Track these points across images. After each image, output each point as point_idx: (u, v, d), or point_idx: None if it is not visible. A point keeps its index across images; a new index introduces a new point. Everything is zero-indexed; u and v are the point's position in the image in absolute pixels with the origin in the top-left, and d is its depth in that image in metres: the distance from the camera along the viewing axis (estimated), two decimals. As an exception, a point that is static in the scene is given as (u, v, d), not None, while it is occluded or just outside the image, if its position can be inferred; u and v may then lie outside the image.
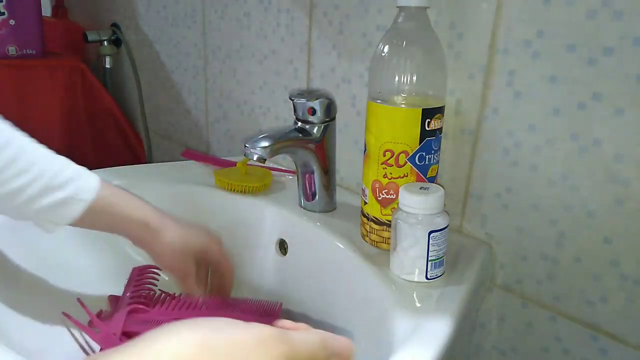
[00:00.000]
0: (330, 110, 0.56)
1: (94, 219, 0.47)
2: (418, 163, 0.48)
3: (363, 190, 0.52)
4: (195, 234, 0.53)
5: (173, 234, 0.50)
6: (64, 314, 0.50)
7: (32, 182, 0.43)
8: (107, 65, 1.13)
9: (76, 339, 0.49)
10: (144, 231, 0.50)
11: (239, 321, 0.25)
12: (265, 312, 0.53)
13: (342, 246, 0.53)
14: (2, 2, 0.93)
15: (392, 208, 0.49)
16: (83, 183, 0.46)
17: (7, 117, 0.44)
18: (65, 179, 0.45)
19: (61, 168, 0.45)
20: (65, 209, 0.45)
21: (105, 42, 1.10)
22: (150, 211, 0.50)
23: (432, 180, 0.49)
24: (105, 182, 0.48)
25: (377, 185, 0.50)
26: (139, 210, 0.50)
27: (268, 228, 0.61)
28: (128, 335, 0.48)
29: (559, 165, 0.47)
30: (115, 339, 0.47)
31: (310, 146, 0.56)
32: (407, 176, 0.48)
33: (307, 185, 0.59)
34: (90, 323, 0.50)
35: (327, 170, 0.59)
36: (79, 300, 0.52)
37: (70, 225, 0.47)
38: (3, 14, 0.94)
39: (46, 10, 1.17)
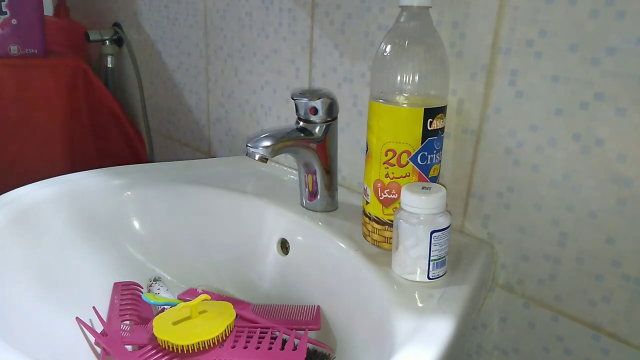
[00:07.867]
0: (332, 109, 0.56)
1: None
2: (420, 163, 0.48)
3: (365, 190, 0.52)
4: None
5: None
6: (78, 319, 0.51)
7: None
8: (109, 65, 1.13)
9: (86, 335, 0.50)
10: None
11: None
12: (304, 315, 0.53)
13: (343, 246, 0.53)
14: (4, 1, 0.93)
15: (394, 208, 0.49)
16: None
17: (9, 117, 0.45)
18: None
19: None
20: None
21: (107, 42, 1.10)
22: None
23: (434, 180, 0.49)
24: None
25: (379, 185, 0.50)
26: None
27: (269, 228, 0.61)
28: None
29: (561, 165, 0.47)
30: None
31: (312, 146, 0.56)
32: (409, 176, 0.48)
33: (309, 184, 0.59)
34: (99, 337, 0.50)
35: (329, 170, 0.59)
36: (94, 309, 0.53)
37: None
38: (5, 13, 0.94)
39: (48, 9, 1.18)
